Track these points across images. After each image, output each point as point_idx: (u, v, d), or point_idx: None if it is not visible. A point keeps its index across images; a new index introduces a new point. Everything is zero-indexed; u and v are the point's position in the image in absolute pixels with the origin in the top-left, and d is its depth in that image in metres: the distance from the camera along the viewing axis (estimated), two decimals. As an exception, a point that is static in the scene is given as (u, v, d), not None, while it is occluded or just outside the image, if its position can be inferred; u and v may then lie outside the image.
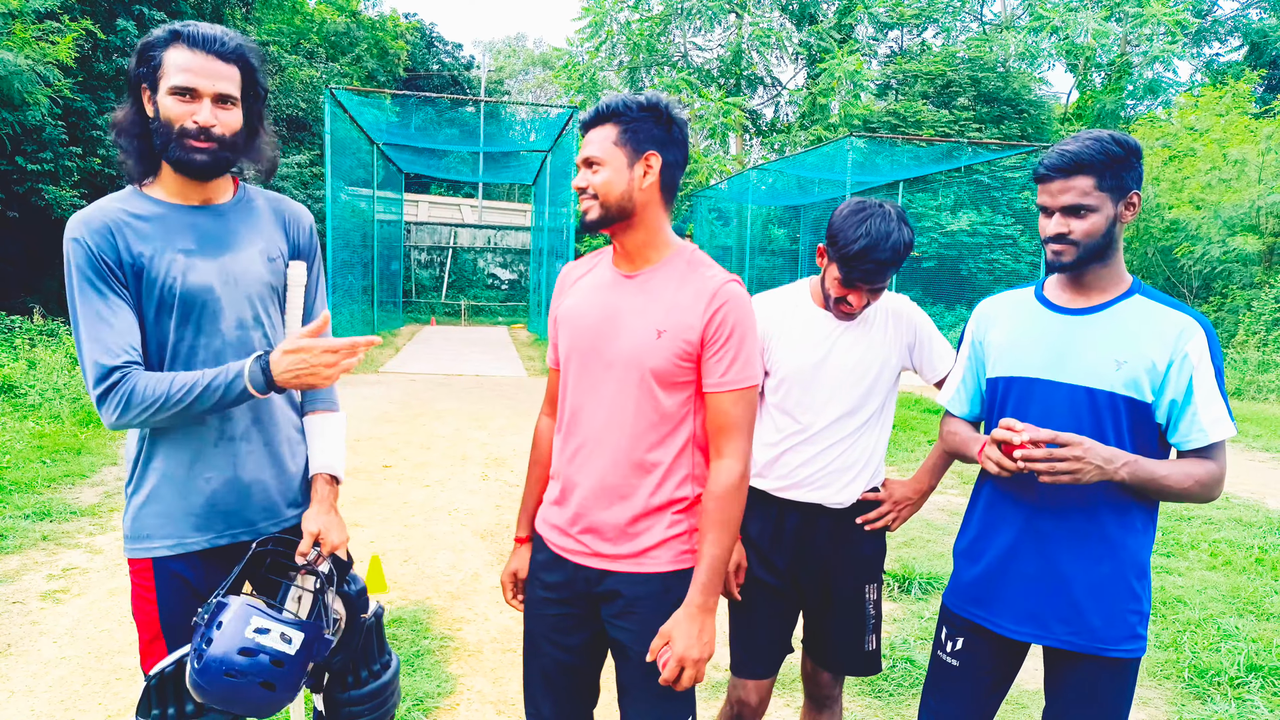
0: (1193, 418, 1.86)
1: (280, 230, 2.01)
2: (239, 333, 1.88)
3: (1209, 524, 5.97)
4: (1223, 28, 26.03)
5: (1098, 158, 1.84)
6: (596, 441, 1.90)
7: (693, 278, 1.88)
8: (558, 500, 2.00)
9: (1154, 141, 17.04)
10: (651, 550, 1.90)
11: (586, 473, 1.92)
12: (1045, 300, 2.03)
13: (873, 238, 2.14)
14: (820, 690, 2.55)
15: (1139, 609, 1.94)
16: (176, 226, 1.84)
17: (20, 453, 6.52)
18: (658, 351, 1.83)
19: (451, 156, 21.61)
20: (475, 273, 26.85)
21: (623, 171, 1.84)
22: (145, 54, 1.80)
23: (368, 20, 28.98)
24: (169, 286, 1.81)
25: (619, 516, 1.89)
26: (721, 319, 1.83)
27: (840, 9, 26.23)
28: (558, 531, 1.98)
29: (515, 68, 52.01)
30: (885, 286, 2.28)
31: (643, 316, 1.86)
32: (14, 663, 3.50)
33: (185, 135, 1.78)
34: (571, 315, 1.97)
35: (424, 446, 7.71)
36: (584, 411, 1.92)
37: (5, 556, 4.64)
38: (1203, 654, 3.84)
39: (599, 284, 1.96)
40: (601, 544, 1.91)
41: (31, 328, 10.37)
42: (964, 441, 2.12)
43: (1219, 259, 14.28)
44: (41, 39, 10.94)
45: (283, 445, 1.98)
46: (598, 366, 1.90)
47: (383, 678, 2.08)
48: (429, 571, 4.68)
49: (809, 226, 21.77)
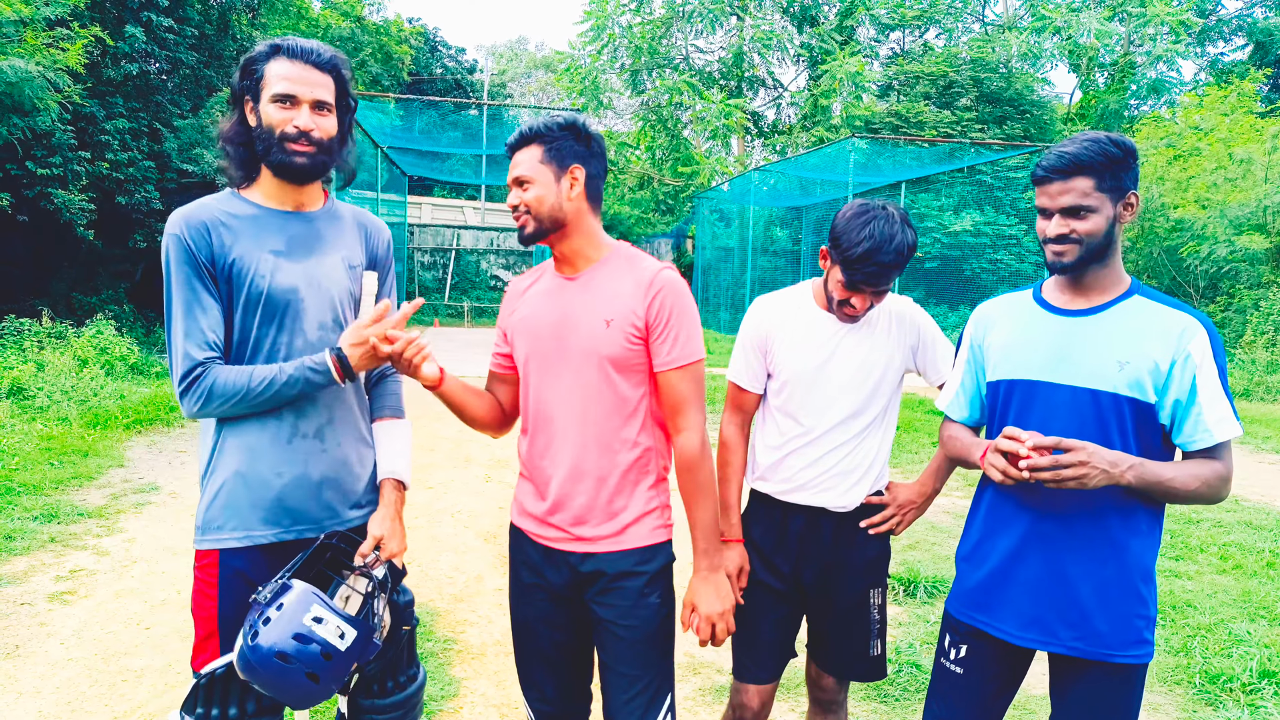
0: (1197, 418, 1.85)
1: (361, 241, 2.12)
2: (320, 333, 1.98)
3: (1219, 527, 5.93)
4: (1227, 27, 25.91)
5: (1097, 159, 1.83)
6: (565, 431, 2.05)
7: (630, 270, 2.05)
8: (532, 495, 2.13)
9: (1158, 141, 16.96)
10: (630, 527, 2.06)
11: (560, 462, 2.06)
12: (1044, 302, 2.02)
13: (876, 240, 2.13)
14: (824, 695, 2.54)
15: (1146, 614, 1.92)
16: (269, 228, 1.95)
17: (28, 455, 6.55)
18: (610, 339, 2.00)
19: (454, 159, 21.64)
20: (478, 274, 26.85)
21: (551, 186, 2.01)
22: (248, 68, 1.93)
23: (372, 25, 29.01)
24: (257, 285, 1.90)
25: (597, 498, 2.04)
26: (660, 302, 2.01)
27: (842, 11, 26.19)
28: (538, 523, 2.11)
29: (518, 71, 52.05)
30: (889, 289, 2.28)
31: (591, 311, 2.03)
32: (21, 664, 3.52)
33: (286, 139, 1.89)
34: (527, 322, 2.11)
35: (427, 448, 7.72)
36: (550, 406, 2.07)
37: (13, 558, 4.66)
38: (1214, 659, 3.79)
39: (546, 290, 2.12)
40: (582, 528, 2.05)
41: (40, 330, 10.40)
42: (965, 447, 2.11)
43: (1226, 259, 14.19)
44: (52, 45, 10.99)
45: (352, 448, 2.05)
46: (558, 362, 2.05)
47: (409, 689, 2.11)
48: (432, 574, 4.69)
49: (811, 227, 21.73)
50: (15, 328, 10.45)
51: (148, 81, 14.07)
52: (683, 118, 26.32)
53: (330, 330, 2.00)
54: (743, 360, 2.40)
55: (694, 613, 2.11)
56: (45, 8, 10.95)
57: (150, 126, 13.80)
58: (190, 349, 1.86)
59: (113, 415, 7.94)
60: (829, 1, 26.90)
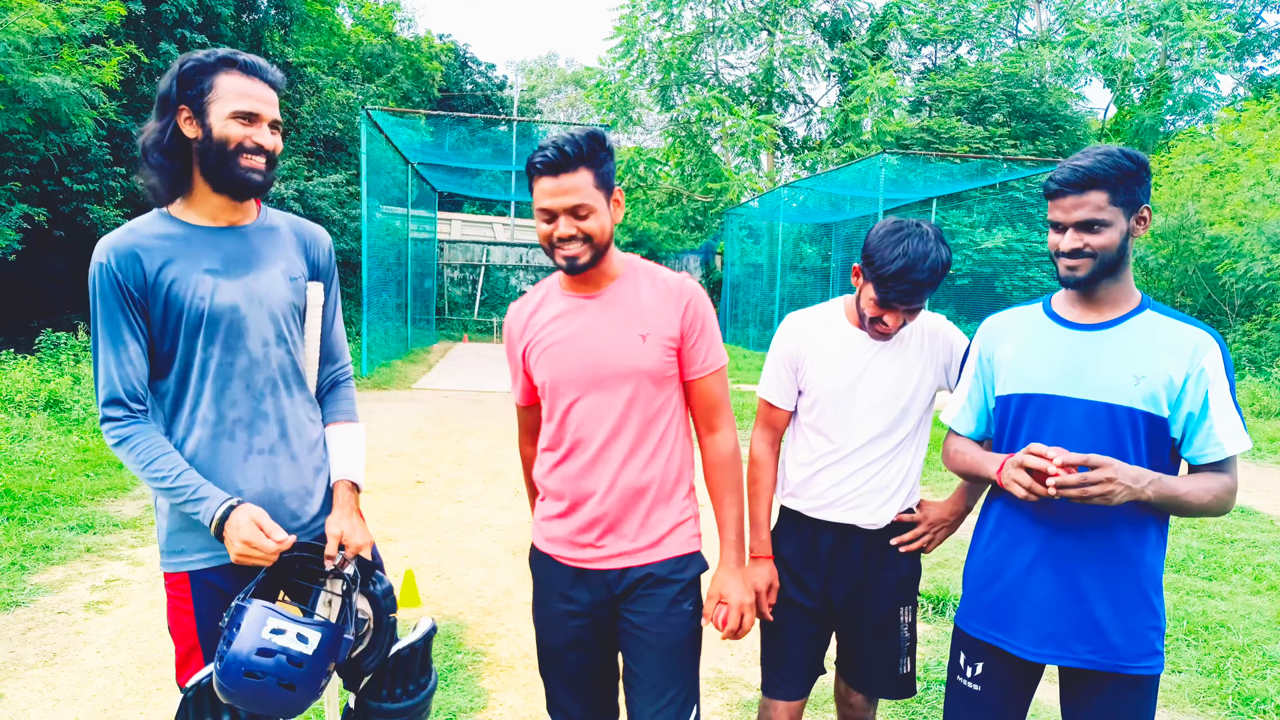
0: (1209, 432, 1.86)
1: (301, 251, 2.08)
2: (264, 350, 1.95)
3: (1253, 547, 5.83)
4: (1267, 40, 25.54)
5: (1111, 173, 1.83)
6: (605, 449, 2.03)
7: (653, 283, 2.07)
8: (563, 515, 2.09)
9: (1194, 157, 16.73)
10: (666, 536, 2.07)
11: (600, 480, 2.04)
12: (1056, 316, 2.02)
13: (910, 258, 2.10)
14: (853, 712, 2.53)
15: (1157, 625, 1.94)
16: (202, 248, 1.90)
17: (65, 466, 6.67)
18: (648, 354, 2.01)
19: (484, 175, 21.82)
20: (507, 290, 27.02)
21: (605, 213, 1.97)
22: (190, 77, 1.85)
23: (403, 42, 29.44)
24: (196, 306, 1.87)
25: (638, 512, 2.04)
26: (694, 311, 2.05)
27: (873, 26, 26.18)
28: (569, 545, 2.09)
29: (547, 87, 52.46)
30: (922, 307, 2.26)
31: (623, 327, 2.02)
32: (59, 671, 3.58)
33: (243, 152, 1.87)
34: (549, 348, 2.06)
35: (457, 463, 7.76)
36: (586, 426, 2.04)
37: (50, 567, 4.75)
38: (1247, 680, 3.75)
39: (563, 313, 2.07)
40: (620, 542, 2.04)
41: (76, 344, 10.61)
42: (976, 461, 2.08)
43: (1262, 276, 13.96)
44: (87, 63, 11.24)
45: (308, 456, 2.05)
46: (591, 383, 2.02)
47: (417, 696, 2.11)
48: (461, 587, 4.70)
49: (841, 244, 21.67)
50: (53, 341, 10.66)
51: (183, 98, 14.29)
52: (712, 133, 26.38)
53: (274, 345, 1.97)
54: (774, 377, 2.40)
55: (719, 604, 2.13)
56: (81, 25, 11.20)
57: (186, 143, 14.01)
58: (107, 384, 1.85)
59: (148, 427, 8.03)
60: (860, 16, 26.92)
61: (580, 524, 2.06)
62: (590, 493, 2.05)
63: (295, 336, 2.03)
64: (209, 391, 1.91)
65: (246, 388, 1.93)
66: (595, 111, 27.22)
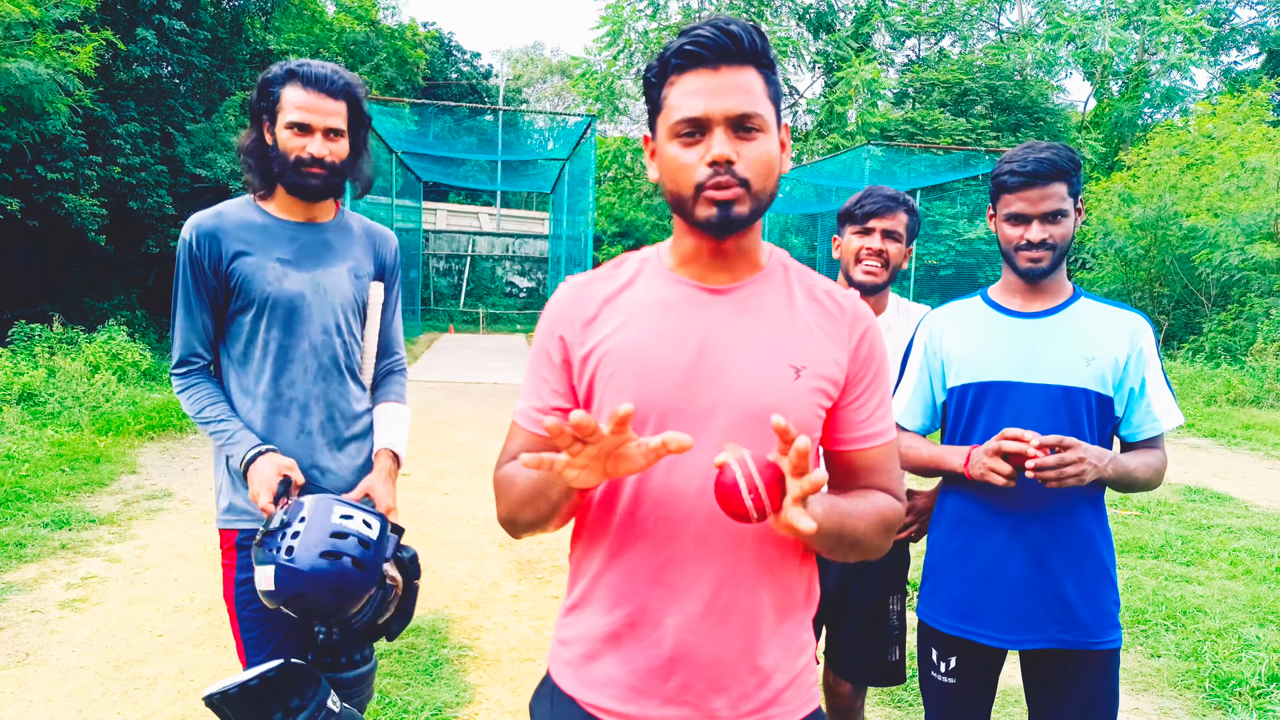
0: (1147, 409, 1.98)
1: (370, 252, 2.24)
2: (324, 337, 2.11)
3: (1229, 533, 5.91)
4: (1240, 36, 25.80)
5: (1068, 165, 1.93)
6: (701, 540, 1.26)
7: (811, 293, 1.35)
8: (630, 639, 1.30)
9: (1171, 149, 16.89)
10: (783, 694, 1.32)
11: (688, 592, 1.27)
12: (999, 306, 2.07)
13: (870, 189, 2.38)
14: (841, 701, 2.53)
15: (1116, 598, 2.01)
16: (278, 238, 2.09)
17: (39, 461, 6.56)
18: (797, 397, 1.27)
19: (469, 165, 21.73)
20: (493, 281, 26.94)
21: (775, 140, 1.26)
22: (265, 90, 2.05)
23: (386, 29, 29.15)
24: (264, 290, 2.04)
25: (742, 648, 1.28)
26: (869, 350, 1.34)
27: (857, 18, 26.19)
28: (628, 695, 1.30)
29: (533, 76, 52.20)
30: (903, 239, 2.38)
31: (762, 348, 1.28)
32: (32, 672, 3.51)
33: (300, 164, 2.02)
34: (629, 352, 1.29)
35: (442, 454, 7.72)
36: (673, 495, 1.26)
37: (24, 565, 4.66)
38: (1223, 664, 3.81)
39: (669, 303, 1.31)
40: (717, 699, 1.28)
41: (51, 335, 10.41)
42: (936, 456, 2.05)
43: (1237, 266, 14.13)
44: (62, 48, 10.99)
45: (352, 437, 2.20)
46: (694, 424, 1.25)
47: (363, 668, 2.11)
48: (447, 580, 4.67)
49: (826, 234, 21.72)
50: (26, 333, 10.47)
51: (160, 85, 14.06)
52: (697, 124, 26.29)
53: (334, 334, 2.12)
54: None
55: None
56: (55, 10, 10.97)
57: (162, 130, 13.76)
58: (181, 344, 2.08)
59: (125, 421, 7.92)
60: (845, 8, 26.91)
61: (652, 665, 1.29)
62: (665, 614, 1.28)
63: (355, 329, 2.19)
64: (269, 370, 2.07)
65: (304, 371, 2.09)
66: (582, 101, 27.11)
